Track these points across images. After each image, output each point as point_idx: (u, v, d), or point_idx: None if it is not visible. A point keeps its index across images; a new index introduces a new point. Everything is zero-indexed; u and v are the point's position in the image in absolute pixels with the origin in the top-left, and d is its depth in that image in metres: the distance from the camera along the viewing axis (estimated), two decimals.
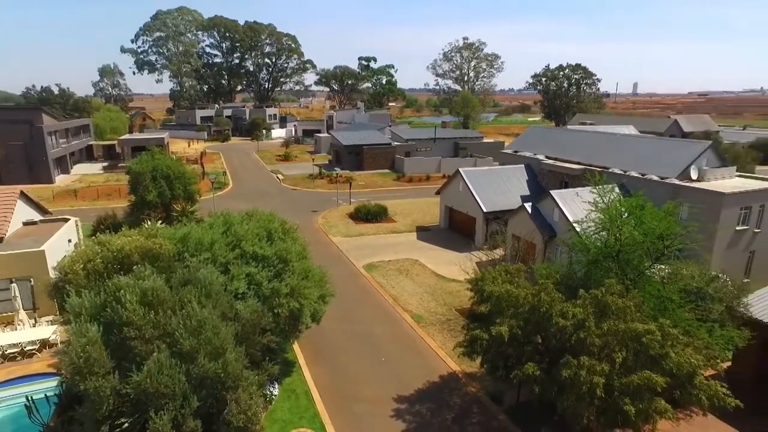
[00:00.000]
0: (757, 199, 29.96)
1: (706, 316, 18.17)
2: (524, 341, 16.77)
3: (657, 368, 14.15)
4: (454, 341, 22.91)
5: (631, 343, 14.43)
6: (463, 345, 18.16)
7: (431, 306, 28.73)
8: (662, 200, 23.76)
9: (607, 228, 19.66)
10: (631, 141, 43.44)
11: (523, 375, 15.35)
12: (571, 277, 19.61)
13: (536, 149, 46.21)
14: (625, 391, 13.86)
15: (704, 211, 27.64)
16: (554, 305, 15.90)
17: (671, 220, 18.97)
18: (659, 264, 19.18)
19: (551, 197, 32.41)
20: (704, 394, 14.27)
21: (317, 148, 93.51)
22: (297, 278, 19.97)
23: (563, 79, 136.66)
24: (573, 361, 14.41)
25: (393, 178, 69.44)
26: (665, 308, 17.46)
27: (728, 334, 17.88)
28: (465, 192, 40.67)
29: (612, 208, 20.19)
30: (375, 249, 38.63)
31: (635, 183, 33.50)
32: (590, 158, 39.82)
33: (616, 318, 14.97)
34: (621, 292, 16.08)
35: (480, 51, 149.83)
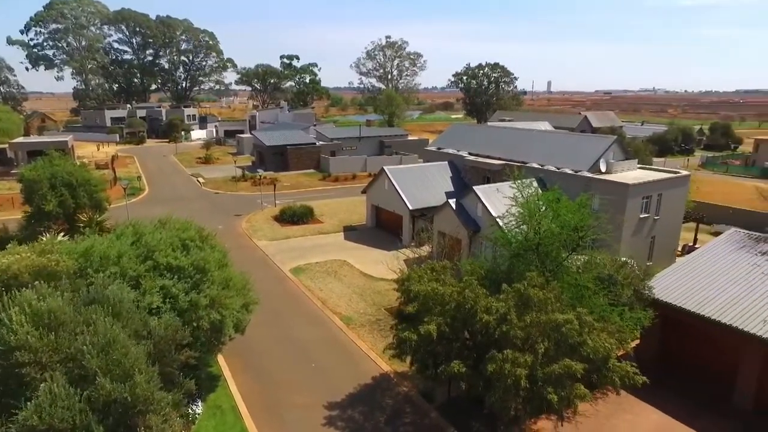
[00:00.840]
0: (655, 189, 32.49)
1: (618, 300, 19.29)
2: (452, 338, 16.90)
3: (576, 355, 14.77)
4: (385, 341, 22.77)
5: (552, 333, 14.95)
6: (392, 347, 18.02)
7: (360, 307, 28.46)
8: (576, 192, 24.99)
9: (527, 222, 20.34)
10: (547, 136, 45.67)
11: (450, 373, 15.44)
12: (496, 272, 20.07)
13: (459, 146, 47.32)
14: (548, 380, 14.33)
15: (612, 202, 29.52)
16: (479, 301, 16.13)
17: (585, 211, 19.96)
18: (575, 254, 20.11)
19: (474, 193, 33.23)
20: (617, 375, 15.18)
21: (240, 149, 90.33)
22: (217, 288, 18.89)
23: (483, 77, 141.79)
24: (498, 356, 14.68)
25: (319, 178, 68.50)
26: (582, 296, 18.33)
27: (636, 316, 19.10)
28: (390, 190, 40.81)
29: (531, 202, 20.93)
30: (302, 251, 37.76)
31: (552, 177, 35.18)
32: (510, 154, 41.35)
33: (537, 310, 15.44)
34: (542, 284, 16.62)
35: (403, 49, 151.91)
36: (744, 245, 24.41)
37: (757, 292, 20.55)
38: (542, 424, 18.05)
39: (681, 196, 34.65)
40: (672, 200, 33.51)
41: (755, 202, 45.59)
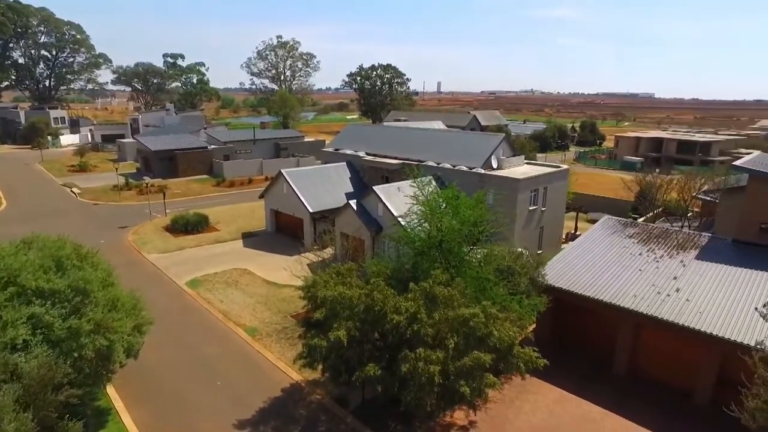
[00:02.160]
0: (541, 182, 35.13)
1: (516, 289, 20.46)
2: (363, 341, 16.74)
3: (484, 346, 15.35)
4: (294, 350, 22.06)
5: (460, 327, 15.38)
6: (302, 356, 17.43)
7: (265, 316, 27.32)
8: (472, 189, 26.11)
9: (429, 219, 20.81)
10: (442, 135, 47.38)
11: (365, 377, 15.27)
12: (401, 271, 20.28)
13: (356, 146, 47.44)
14: (460, 374, 14.73)
15: (505, 196, 31.37)
16: (388, 302, 16.14)
17: (482, 207, 20.90)
18: (476, 248, 20.97)
19: (374, 193, 33.46)
20: (522, 360, 16.03)
21: (122, 155, 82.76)
22: (102, 310, 16.89)
23: (377, 78, 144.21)
24: (411, 355, 14.79)
25: (212, 183, 64.91)
26: (484, 288, 19.16)
27: (533, 302, 20.41)
28: (289, 193, 39.78)
29: (431, 200, 21.45)
30: (198, 262, 35.42)
31: (448, 174, 36.53)
32: (407, 153, 42.28)
33: (445, 306, 15.81)
34: (447, 281, 17.06)
35: (295, 50, 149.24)
36: (615, 230, 27.23)
37: (628, 271, 23.04)
38: (456, 416, 18.59)
39: (563, 188, 37.84)
40: (556, 192, 36.47)
41: (621, 192, 51.26)
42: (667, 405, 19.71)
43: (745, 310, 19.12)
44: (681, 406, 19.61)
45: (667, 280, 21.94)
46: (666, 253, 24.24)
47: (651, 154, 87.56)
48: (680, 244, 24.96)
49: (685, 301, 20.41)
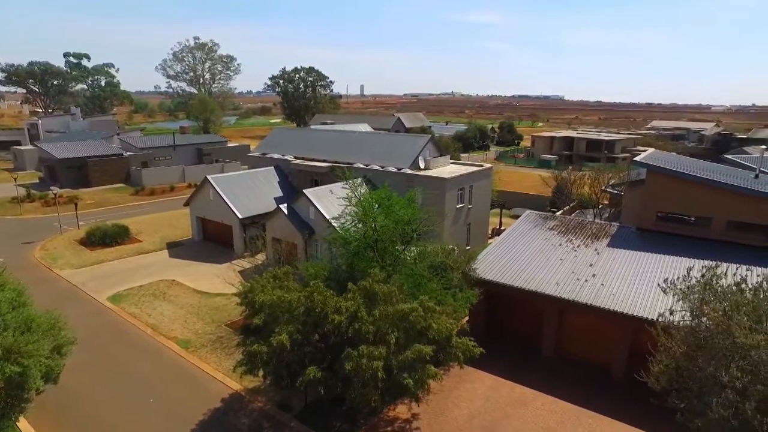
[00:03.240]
0: (467, 181, 36.69)
1: (450, 283, 21.31)
2: (304, 343, 16.73)
3: (423, 339, 15.91)
4: (231, 359, 21.54)
5: (400, 323, 15.84)
6: (242, 363, 17.09)
7: (198, 327, 26.36)
8: (401, 189, 26.81)
9: (364, 220, 21.15)
10: (369, 137, 47.99)
11: (308, 379, 15.30)
12: (338, 272, 20.46)
13: (284, 150, 46.90)
14: (403, 367, 15.17)
15: (434, 195, 32.45)
16: (328, 303, 16.26)
17: (414, 206, 21.54)
18: (410, 246, 21.60)
19: (305, 196, 33.33)
20: (459, 350, 16.78)
21: (19, 163, 75.82)
22: (14, 334, 15.57)
23: (300, 81, 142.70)
24: (353, 353, 15.03)
25: (130, 192, 61.27)
26: (420, 284, 19.78)
27: (466, 295, 21.34)
28: (216, 200, 38.58)
29: (365, 200, 21.79)
30: (120, 276, 33.39)
31: (377, 175, 37.13)
32: (335, 155, 42.42)
33: (384, 303, 16.20)
34: (384, 278, 17.47)
35: (214, 52, 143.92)
36: (537, 224, 29.10)
37: (550, 261, 24.75)
38: (399, 410, 19.07)
39: (487, 186, 39.74)
40: (481, 190, 38.23)
41: (539, 188, 54.64)
42: (589, 381, 21.43)
43: (649, 288, 21.22)
44: (601, 381, 21.41)
45: (584, 267, 23.83)
46: (582, 242, 26.30)
47: (564, 152, 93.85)
48: (594, 233, 27.18)
49: (600, 285, 22.31)
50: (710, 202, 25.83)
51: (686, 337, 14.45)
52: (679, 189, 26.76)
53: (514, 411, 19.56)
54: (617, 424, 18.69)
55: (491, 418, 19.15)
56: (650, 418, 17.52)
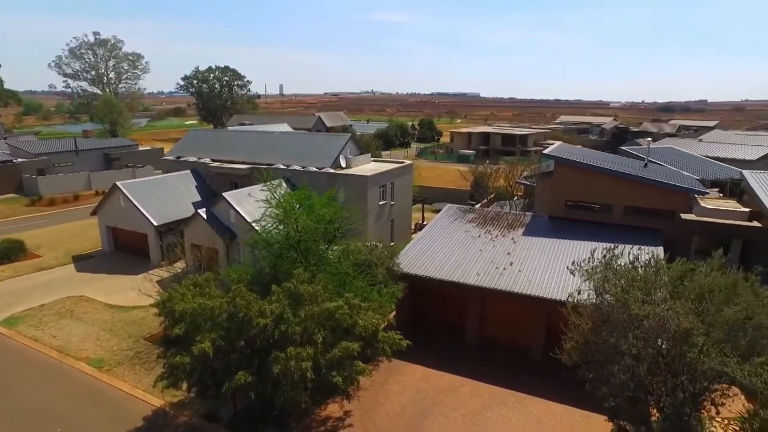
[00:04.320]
0: (388, 178, 37.27)
1: (375, 280, 21.58)
2: (229, 350, 16.25)
3: (351, 336, 16.01)
4: (152, 374, 20.43)
5: (326, 322, 15.83)
6: (163, 376, 16.27)
7: (113, 344, 24.66)
8: (323, 189, 26.71)
9: (285, 221, 20.87)
10: (289, 137, 47.29)
11: (235, 386, 14.89)
12: (262, 275, 20.06)
13: (201, 153, 45.03)
14: (331, 366, 15.19)
15: (356, 193, 32.66)
16: (252, 307, 15.89)
17: (335, 205, 21.57)
18: (333, 245, 21.61)
19: (225, 200, 32.27)
20: (386, 344, 17.06)
21: None
22: None
23: (215, 81, 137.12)
24: (281, 355, 14.82)
25: (25, 203, 55.78)
26: (345, 282, 19.87)
27: (391, 290, 21.71)
28: (129, 207, 36.27)
29: (285, 201, 21.52)
30: (15, 296, 30.39)
31: (298, 176, 36.70)
32: (255, 157, 41.39)
33: (309, 303, 16.11)
34: (309, 279, 17.37)
35: (118, 49, 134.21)
36: (457, 217, 30.20)
37: (471, 252, 25.81)
38: (330, 409, 19.05)
39: (408, 182, 40.58)
40: (402, 187, 38.97)
41: (459, 182, 56.65)
42: (510, 364, 22.64)
43: (560, 271, 22.78)
44: (521, 362, 22.69)
45: (502, 256, 25.09)
46: (500, 232, 27.66)
47: (481, 147, 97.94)
48: (510, 224, 28.68)
49: (518, 271, 23.61)
50: (610, 190, 28.18)
51: (592, 313, 15.69)
52: (584, 179, 28.95)
53: (443, 398, 20.22)
54: (537, 400, 19.93)
55: (422, 407, 19.67)
56: (566, 391, 18.82)
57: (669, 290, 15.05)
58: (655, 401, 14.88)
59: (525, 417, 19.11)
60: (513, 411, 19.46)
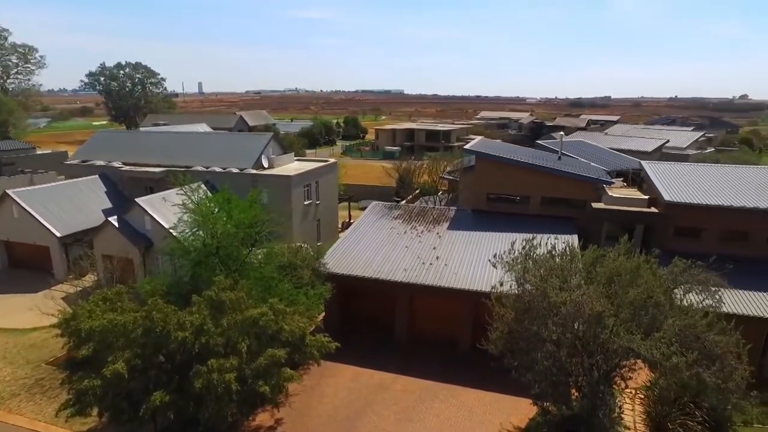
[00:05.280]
0: (313, 177, 36.65)
1: (301, 282, 21.07)
2: (147, 367, 15.12)
3: (277, 343, 15.46)
4: (56, 402, 18.57)
5: (250, 329, 15.17)
6: (69, 404, 14.82)
7: (7, 373, 22.20)
8: (246, 190, 25.68)
9: (203, 226, 19.80)
10: (208, 138, 45.20)
11: (154, 406, 13.86)
12: (180, 285, 18.92)
13: (110, 156, 41.88)
14: (258, 375, 14.57)
15: (279, 194, 31.80)
16: (169, 320, 14.89)
17: (256, 207, 20.77)
18: (256, 249, 20.80)
19: (138, 206, 30.20)
20: (315, 348, 16.68)
21: None
22: None
23: (125, 78, 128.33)
24: (202, 369, 14.00)
25: None
26: (269, 286, 19.22)
27: (318, 292, 21.33)
28: (25, 218, 32.90)
29: (203, 205, 20.42)
30: None
31: (219, 177, 35.12)
32: (172, 159, 39.12)
33: (232, 312, 15.35)
34: (231, 285, 16.56)
35: (4, 39, 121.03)
36: (383, 214, 30.26)
37: (397, 248, 25.94)
38: (260, 419, 18.32)
39: (334, 181, 40.15)
40: (327, 185, 38.49)
41: (385, 179, 56.96)
42: (441, 356, 23.02)
43: (484, 264, 23.44)
44: (451, 355, 23.14)
45: (428, 251, 25.42)
46: (425, 228, 28.02)
47: (406, 143, 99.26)
48: (435, 219, 29.15)
49: (444, 266, 24.02)
50: (528, 183, 29.46)
51: (515, 303, 16.27)
52: (503, 173, 30.02)
53: (375, 397, 20.15)
54: (468, 391, 20.40)
55: (354, 407, 19.47)
56: (494, 380, 19.34)
57: (583, 276, 15.89)
58: (573, 382, 15.70)
59: (457, 408, 19.48)
60: (445, 404, 19.78)
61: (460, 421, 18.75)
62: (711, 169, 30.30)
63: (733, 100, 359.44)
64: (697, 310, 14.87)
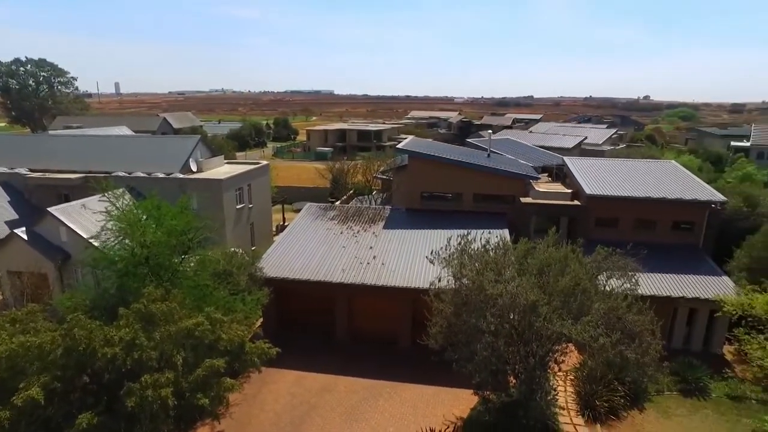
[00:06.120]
0: (244, 180, 35.57)
1: (237, 288, 20.43)
2: (69, 390, 14.02)
3: (215, 353, 14.87)
4: None
5: (186, 341, 14.49)
6: None
7: None
8: (174, 195, 24.50)
9: (130, 235, 18.68)
10: (130, 141, 42.65)
11: (80, 430, 12.86)
12: (105, 298, 17.72)
13: (13, 162, 38.30)
14: (196, 387, 13.93)
15: (210, 199, 30.63)
16: (95, 336, 13.88)
17: (188, 213, 19.87)
18: (188, 257, 19.91)
19: (51, 215, 27.90)
20: (255, 355, 16.21)
21: None
22: None
23: (27, 76, 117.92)
24: (134, 386, 13.17)
25: None
26: (204, 295, 18.47)
27: (255, 297, 20.79)
28: None
29: (129, 213, 19.27)
30: None
31: (144, 183, 33.17)
32: (89, 164, 36.48)
33: (165, 323, 14.58)
34: (162, 296, 15.74)
35: None
36: (318, 215, 30.00)
37: (334, 249, 25.84)
38: None
39: (266, 183, 39.21)
40: (260, 188, 37.53)
41: (318, 180, 56.44)
42: (382, 355, 23.19)
43: (421, 261, 23.88)
44: (392, 352, 23.37)
45: (365, 251, 25.51)
46: (361, 228, 28.09)
47: (338, 144, 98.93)
48: (371, 218, 29.30)
49: (381, 265, 24.20)
50: (460, 180, 30.34)
51: (452, 298, 16.72)
52: (436, 171, 30.72)
53: (319, 400, 19.95)
54: (411, 387, 20.70)
55: (298, 412, 19.18)
56: (436, 374, 19.73)
57: (516, 268, 16.63)
58: (511, 369, 16.41)
59: (400, 405, 19.71)
60: (389, 401, 19.94)
61: (405, 417, 19.00)
62: (624, 163, 32.77)
63: (638, 101, 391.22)
64: (618, 294, 16.02)
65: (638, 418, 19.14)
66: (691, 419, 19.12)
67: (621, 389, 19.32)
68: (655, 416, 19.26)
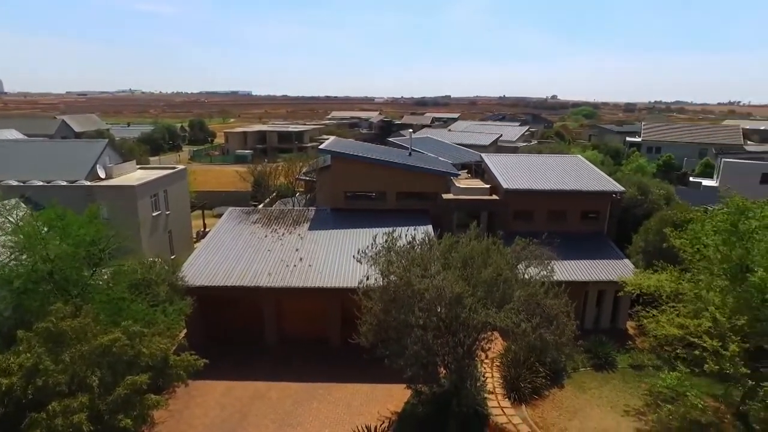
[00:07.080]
0: (160, 186, 33.68)
1: (157, 299, 19.29)
2: None
3: (136, 369, 13.98)
4: None
5: (102, 359, 13.49)
6: None
7: None
8: (80, 205, 22.70)
9: (29, 249, 17.06)
10: (24, 147, 38.74)
11: None
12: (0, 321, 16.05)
13: None
14: (116, 408, 13.00)
15: (122, 206, 28.71)
16: None
17: (97, 223, 18.53)
18: (101, 269, 18.56)
19: None
20: (180, 368, 15.45)
21: None
22: None
23: None
24: (39, 416, 12.07)
25: None
26: (121, 308, 17.28)
27: (178, 308, 19.74)
28: None
29: (26, 225, 17.59)
30: None
31: (43, 192, 30.26)
32: None
33: (77, 342, 13.49)
34: (72, 313, 14.54)
35: None
36: (241, 219, 29.12)
37: (260, 253, 25.24)
38: None
39: (183, 188, 37.39)
40: (177, 194, 35.70)
41: (239, 183, 54.71)
42: (313, 356, 22.98)
43: (348, 260, 23.93)
44: (323, 353, 23.22)
45: (291, 253, 25.13)
46: (286, 230, 27.63)
47: (258, 146, 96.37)
48: (295, 220, 28.91)
49: (308, 266, 23.97)
50: (383, 179, 30.71)
51: (381, 295, 16.93)
52: (359, 171, 30.86)
53: (251, 408, 19.40)
54: (344, 386, 20.70)
55: (229, 424, 18.54)
56: (368, 371, 19.87)
57: (441, 263, 17.17)
58: (441, 361, 16.92)
59: (335, 405, 19.66)
60: (323, 403, 19.82)
61: (340, 417, 18.98)
62: (537, 159, 34.88)
63: (546, 100, 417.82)
64: (536, 281, 17.04)
65: (558, 395, 20.53)
66: (602, 390, 20.84)
67: (542, 370, 20.61)
68: (573, 391, 20.75)
